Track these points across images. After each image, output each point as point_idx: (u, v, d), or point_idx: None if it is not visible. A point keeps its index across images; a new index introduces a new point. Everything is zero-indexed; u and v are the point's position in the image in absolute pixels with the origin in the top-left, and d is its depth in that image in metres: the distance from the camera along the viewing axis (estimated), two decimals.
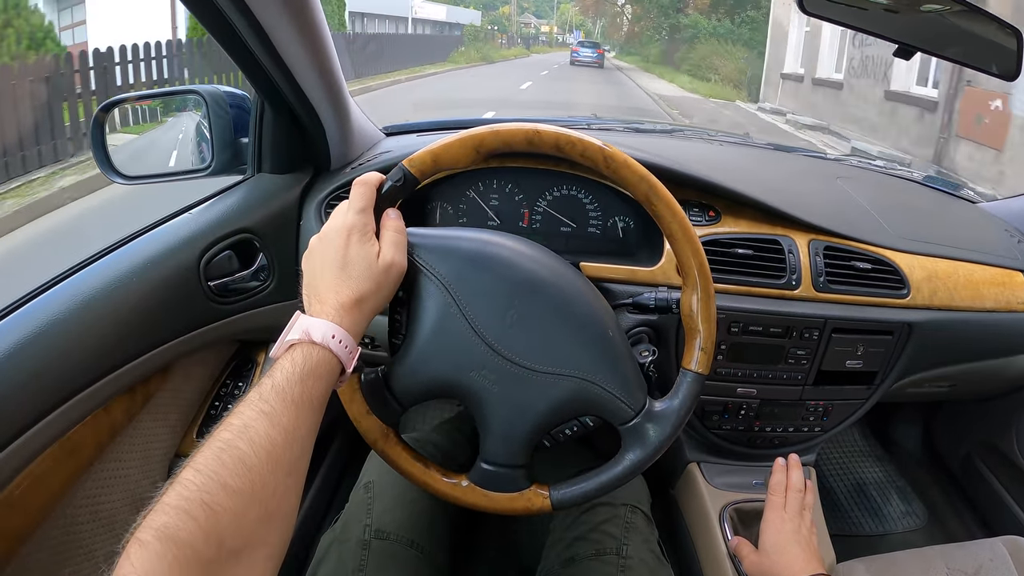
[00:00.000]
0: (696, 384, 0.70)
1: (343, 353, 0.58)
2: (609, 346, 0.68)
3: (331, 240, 0.63)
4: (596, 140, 0.68)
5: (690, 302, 0.71)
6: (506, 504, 0.70)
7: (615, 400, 0.68)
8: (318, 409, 0.55)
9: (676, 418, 0.69)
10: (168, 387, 0.91)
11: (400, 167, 0.67)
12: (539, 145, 0.67)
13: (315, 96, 0.88)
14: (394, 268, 0.64)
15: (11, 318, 0.69)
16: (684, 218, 0.69)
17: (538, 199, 1.04)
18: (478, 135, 0.67)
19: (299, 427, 0.52)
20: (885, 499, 1.52)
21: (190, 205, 0.94)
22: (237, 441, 0.47)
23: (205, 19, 0.74)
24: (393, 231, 0.66)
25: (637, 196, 0.69)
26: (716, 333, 0.72)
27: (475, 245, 0.69)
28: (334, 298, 0.60)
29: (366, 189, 0.66)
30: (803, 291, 0.96)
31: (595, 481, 0.70)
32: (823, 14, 0.90)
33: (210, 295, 0.87)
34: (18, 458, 0.65)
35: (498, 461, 0.69)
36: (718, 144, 1.28)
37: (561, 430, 0.70)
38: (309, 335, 0.57)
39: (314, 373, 0.55)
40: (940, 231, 1.11)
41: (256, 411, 0.50)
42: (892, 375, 1.04)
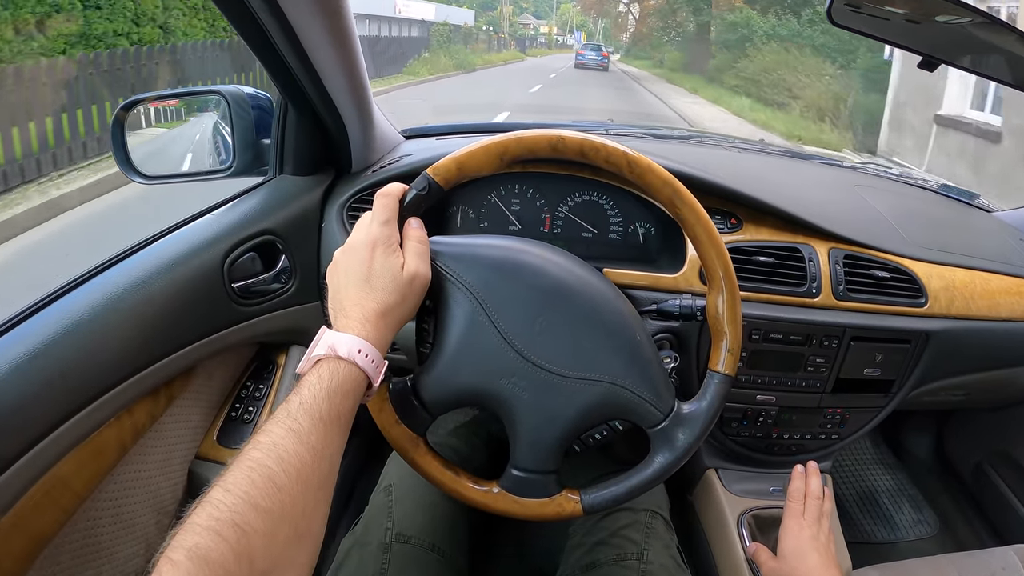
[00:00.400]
0: (724, 385, 0.70)
1: (369, 367, 0.58)
2: (637, 350, 0.69)
3: (356, 253, 0.64)
4: (620, 145, 0.68)
5: (716, 304, 0.71)
6: (537, 510, 0.69)
7: (644, 404, 0.68)
8: (346, 425, 0.56)
9: (704, 420, 0.69)
10: (190, 389, 0.90)
11: (424, 176, 0.67)
12: (563, 151, 0.68)
13: (340, 99, 0.88)
14: (418, 279, 0.64)
15: (37, 317, 0.69)
16: (709, 221, 0.69)
17: (559, 204, 1.04)
18: (502, 142, 0.67)
19: (327, 445, 0.52)
20: (897, 507, 1.52)
21: (213, 206, 0.94)
22: (266, 460, 0.47)
23: (235, 19, 0.75)
24: (416, 241, 0.66)
25: (661, 201, 0.69)
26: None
27: (502, 252, 0.69)
28: (359, 311, 0.60)
29: (389, 200, 0.66)
30: (823, 299, 0.97)
31: (625, 485, 0.70)
32: (851, 25, 0.90)
33: (233, 297, 0.87)
34: (43, 459, 0.65)
35: (529, 467, 0.69)
36: (736, 151, 1.29)
37: (591, 435, 0.70)
38: (335, 350, 0.57)
39: (341, 389, 0.55)
40: (957, 240, 1.11)
41: (285, 429, 0.50)
42: (909, 383, 1.04)
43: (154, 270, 0.79)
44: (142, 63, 6.07)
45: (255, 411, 0.95)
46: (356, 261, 0.63)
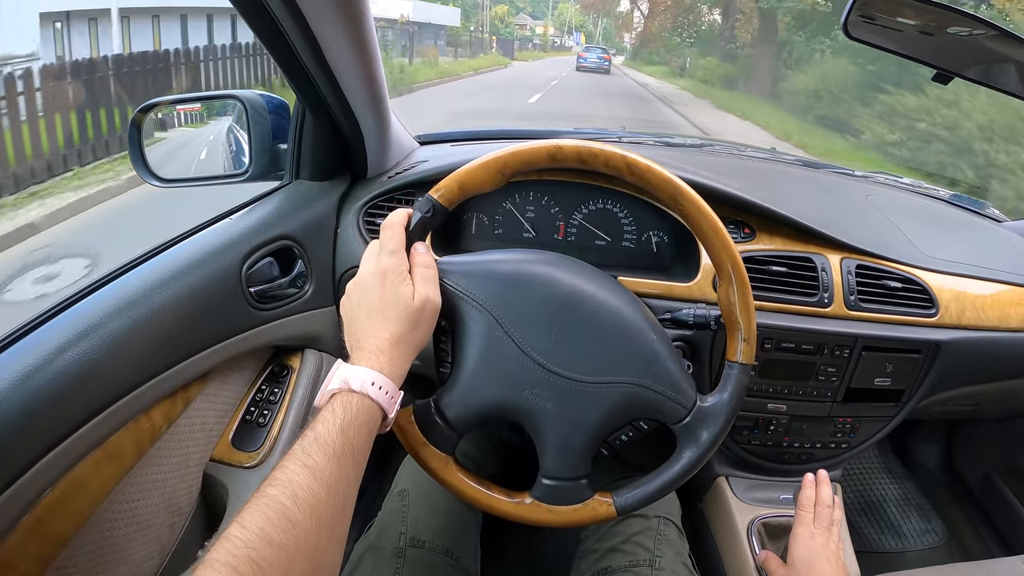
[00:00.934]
0: (743, 375, 0.71)
1: (383, 399, 0.59)
2: (655, 349, 0.69)
3: (366, 285, 0.65)
4: (618, 149, 0.69)
5: (727, 295, 0.71)
6: (572, 516, 0.70)
7: (667, 401, 0.69)
8: (361, 458, 0.57)
9: (727, 411, 0.70)
10: (206, 392, 0.91)
11: (428, 198, 0.68)
12: (561, 160, 0.69)
13: (358, 105, 0.89)
14: (429, 304, 0.65)
15: (56, 321, 0.69)
16: (712, 215, 0.70)
17: (573, 212, 1.04)
18: (501, 157, 0.68)
19: (341, 479, 0.53)
20: (904, 516, 1.52)
21: (230, 210, 0.94)
22: (281, 496, 0.49)
23: (257, 26, 0.75)
24: (423, 267, 0.67)
25: (663, 199, 0.70)
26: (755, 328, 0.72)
27: (512, 266, 0.70)
28: (372, 343, 0.62)
29: (396, 231, 0.67)
30: (835, 309, 0.97)
31: (656, 482, 0.71)
32: (866, 39, 0.91)
33: (251, 301, 0.88)
34: (62, 462, 0.65)
35: (560, 475, 0.69)
36: (748, 159, 1.29)
37: (617, 436, 0.71)
38: (348, 384, 0.58)
39: (354, 423, 0.56)
40: (968, 250, 1.11)
41: (299, 465, 0.51)
42: (919, 393, 1.04)
43: (172, 274, 0.79)
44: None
45: (270, 414, 0.95)
46: (367, 293, 0.64)
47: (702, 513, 1.14)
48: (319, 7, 0.71)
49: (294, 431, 0.95)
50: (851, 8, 0.88)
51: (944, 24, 0.99)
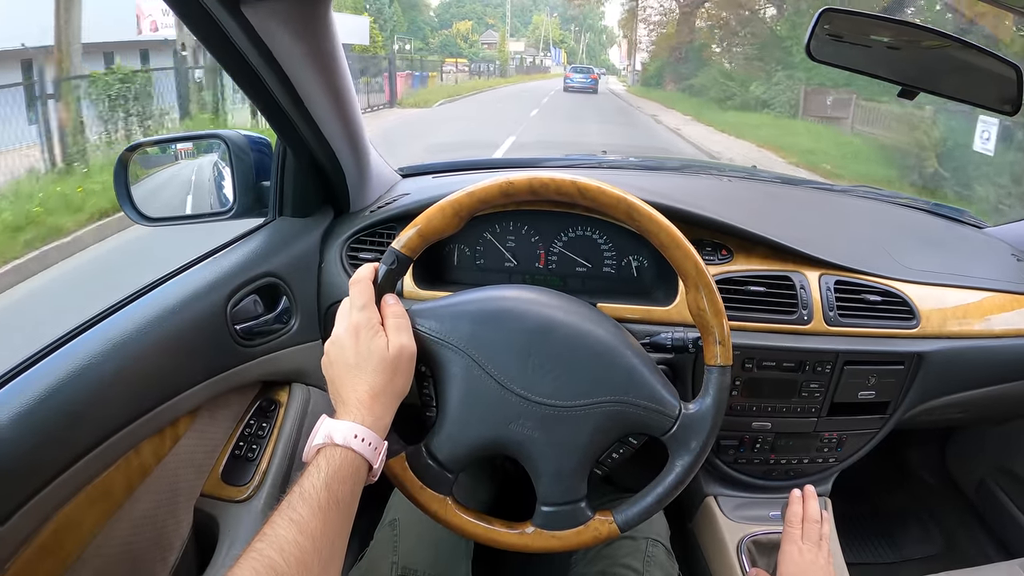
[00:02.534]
0: (723, 377, 0.72)
1: (367, 451, 0.62)
2: (632, 365, 0.70)
3: (342, 342, 0.67)
4: (568, 176, 0.70)
5: (697, 301, 0.72)
6: (575, 539, 0.71)
7: (651, 413, 0.70)
8: (346, 510, 0.59)
9: (713, 415, 0.71)
10: (195, 428, 0.92)
11: (391, 251, 0.70)
12: (514, 194, 0.70)
13: (336, 143, 0.91)
14: (405, 352, 0.67)
15: (45, 362, 0.71)
16: (670, 226, 0.71)
17: (554, 240, 1.06)
18: (456, 200, 0.70)
19: (328, 531, 0.56)
20: (901, 526, 1.52)
21: (214, 249, 0.96)
22: (268, 550, 0.52)
23: (233, 70, 0.78)
24: (395, 317, 0.69)
25: (619, 218, 0.71)
26: (732, 356, 0.73)
27: (481, 304, 0.72)
28: (353, 397, 0.64)
29: (363, 286, 0.69)
30: (815, 326, 0.98)
31: (653, 495, 0.72)
32: (831, 60, 0.92)
33: (236, 338, 0.89)
34: (53, 501, 0.67)
35: (557, 500, 0.70)
36: (727, 180, 1.31)
37: (608, 455, 0.72)
38: (331, 438, 0.61)
39: (338, 476, 0.59)
40: (948, 259, 1.12)
41: (287, 520, 0.55)
42: (904, 404, 1.05)
43: (158, 315, 0.81)
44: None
45: (259, 449, 0.96)
46: (343, 350, 0.67)
47: (692, 533, 1.14)
48: (292, 54, 0.74)
49: (283, 465, 0.96)
50: (813, 30, 0.90)
51: (913, 38, 1.01)
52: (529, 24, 61.83)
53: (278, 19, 0.68)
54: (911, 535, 1.50)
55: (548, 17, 62.20)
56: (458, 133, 11.10)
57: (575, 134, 12.45)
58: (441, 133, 11.08)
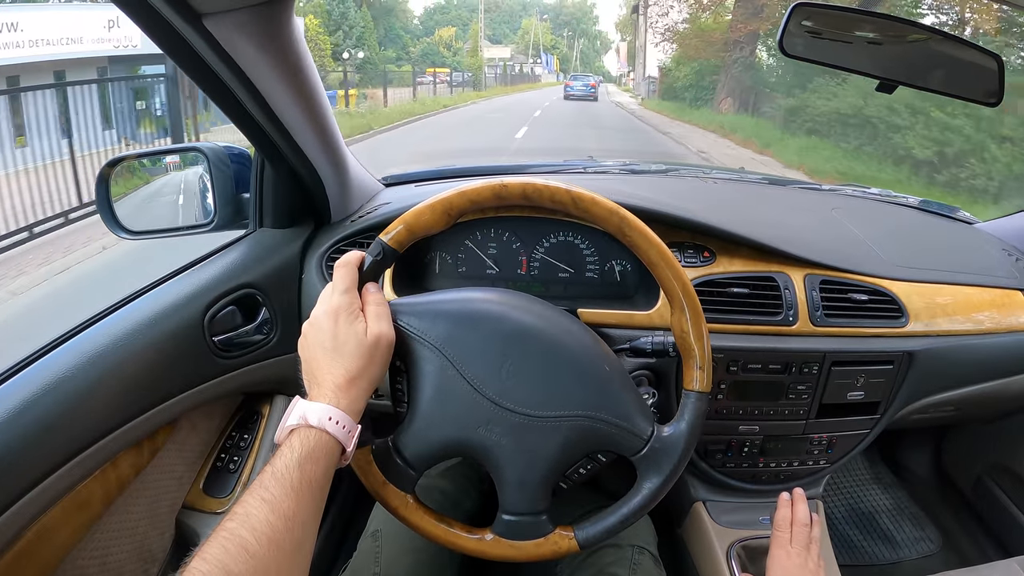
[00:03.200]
0: (700, 403, 0.71)
1: (341, 434, 0.61)
2: (607, 380, 0.69)
3: (320, 324, 0.66)
4: (562, 184, 0.70)
5: (680, 324, 0.72)
6: (533, 551, 0.70)
7: (622, 432, 0.69)
8: (319, 491, 0.58)
9: (686, 440, 0.70)
10: (175, 440, 0.92)
11: (378, 241, 0.70)
12: (507, 198, 0.70)
13: (313, 153, 0.91)
14: (383, 340, 0.67)
15: (21, 375, 0.71)
16: (660, 244, 0.70)
17: (535, 246, 1.05)
18: (447, 198, 0.70)
19: (299, 511, 0.55)
20: (897, 526, 1.50)
21: (193, 261, 0.96)
22: (240, 530, 0.51)
23: (202, 82, 0.77)
24: (375, 304, 0.68)
25: (610, 230, 0.71)
26: (714, 370, 0.73)
27: (461, 305, 0.71)
28: (329, 379, 0.63)
29: (348, 270, 0.68)
30: (800, 326, 0.97)
31: (617, 515, 0.71)
32: (806, 56, 0.92)
33: (215, 350, 0.89)
34: (28, 511, 0.67)
35: (519, 510, 0.70)
36: (712, 182, 1.30)
37: (575, 470, 0.71)
38: (306, 419, 0.60)
39: (312, 457, 0.58)
40: (937, 256, 1.11)
41: (258, 499, 0.54)
42: (895, 404, 1.04)
43: (135, 327, 0.81)
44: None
45: (240, 460, 0.96)
46: (321, 332, 0.66)
47: (681, 540, 1.13)
48: (258, 65, 0.74)
49: None
50: (785, 26, 0.89)
51: (896, 33, 1.00)
52: (518, 29, 57.14)
53: (241, 31, 0.68)
54: (907, 535, 1.48)
55: (539, 21, 57.81)
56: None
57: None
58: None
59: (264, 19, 0.69)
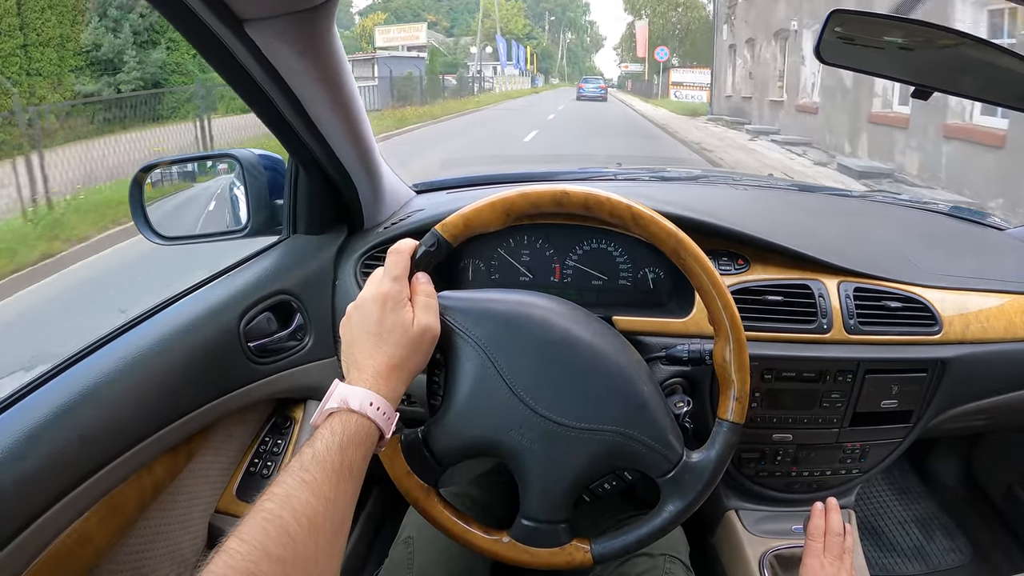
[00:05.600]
0: (732, 434, 0.71)
1: (381, 420, 0.60)
2: (644, 400, 0.69)
3: (367, 308, 0.66)
4: (623, 199, 0.70)
5: (723, 353, 0.72)
6: (547, 559, 0.70)
7: (652, 453, 0.69)
8: (358, 476, 0.58)
9: (713, 468, 0.70)
10: (209, 445, 0.93)
11: (433, 232, 0.69)
12: (567, 205, 0.70)
13: (348, 160, 0.91)
14: (428, 332, 0.66)
15: (60, 379, 0.72)
16: (713, 271, 0.70)
17: (568, 254, 1.05)
18: (508, 199, 0.69)
19: (339, 495, 0.54)
20: (928, 537, 1.48)
21: (228, 267, 0.97)
22: (280, 511, 0.50)
23: (240, 89, 0.78)
24: (425, 296, 0.68)
25: (666, 251, 0.71)
26: (750, 381, 0.72)
27: (509, 306, 0.71)
28: (371, 365, 0.63)
29: (401, 257, 0.68)
30: (835, 334, 0.96)
31: (635, 534, 0.71)
32: (842, 63, 0.91)
33: (250, 356, 0.90)
34: (66, 515, 0.68)
35: (538, 517, 0.70)
36: (743, 189, 1.29)
37: (600, 484, 0.71)
38: (347, 403, 0.59)
39: (353, 441, 0.57)
40: (969, 263, 1.10)
41: (298, 480, 0.53)
42: (928, 412, 1.03)
43: (171, 332, 0.82)
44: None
45: (273, 466, 0.97)
46: (367, 316, 0.65)
47: (713, 549, 1.12)
48: (298, 72, 0.74)
49: None
50: (823, 33, 0.89)
51: (928, 38, 1.00)
52: (476, 12, 38.75)
53: (282, 38, 0.69)
54: (938, 545, 1.46)
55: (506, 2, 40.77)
56: None
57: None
58: None
59: (305, 26, 0.69)
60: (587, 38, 47.82)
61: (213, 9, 0.63)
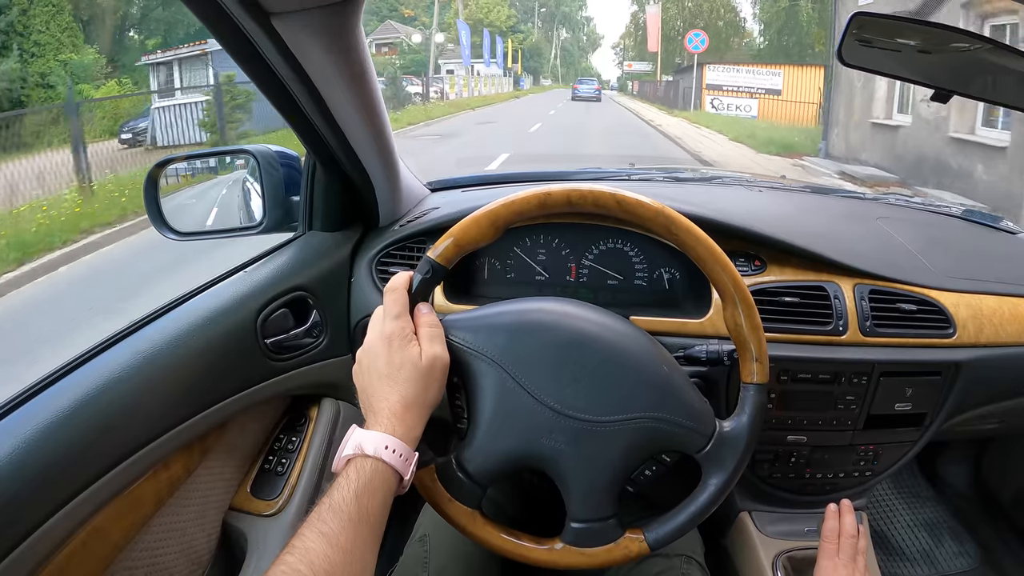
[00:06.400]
0: (760, 395, 0.71)
1: (398, 462, 0.61)
2: (667, 381, 0.69)
3: (374, 351, 0.67)
4: (606, 188, 0.70)
5: (734, 317, 0.72)
6: (605, 557, 0.70)
7: (685, 431, 0.69)
8: (376, 524, 0.59)
9: (748, 433, 0.70)
10: (224, 442, 0.92)
11: (426, 259, 0.70)
12: (552, 205, 0.70)
13: (367, 157, 0.91)
14: (438, 362, 0.67)
15: (77, 373, 0.72)
16: (708, 240, 0.70)
17: (584, 253, 1.05)
18: (492, 211, 0.70)
19: (358, 544, 0.56)
20: (936, 540, 1.48)
21: (245, 263, 0.97)
22: (298, 564, 0.52)
23: (262, 83, 0.78)
24: (428, 327, 0.68)
25: (658, 231, 0.71)
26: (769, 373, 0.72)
27: (515, 316, 0.71)
28: (385, 407, 0.63)
29: (398, 295, 0.69)
30: (850, 336, 0.96)
31: (686, 513, 0.71)
32: (863, 65, 0.91)
33: (266, 352, 0.90)
34: (83, 510, 0.68)
35: (587, 517, 0.69)
36: (758, 190, 1.30)
37: (640, 472, 0.71)
38: (362, 449, 0.60)
39: (369, 488, 0.58)
40: (983, 266, 1.10)
41: (316, 532, 0.54)
42: (942, 415, 1.02)
43: (189, 327, 0.82)
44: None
45: (288, 463, 0.97)
46: (375, 359, 0.66)
47: (727, 550, 1.12)
48: (322, 67, 0.74)
49: (312, 479, 0.96)
50: (845, 35, 0.89)
51: (944, 41, 0.99)
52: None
53: (308, 32, 0.68)
54: (947, 550, 1.46)
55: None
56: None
57: None
58: None
59: (333, 20, 0.69)
60: (583, 36, 43.09)
61: (241, 1, 0.63)
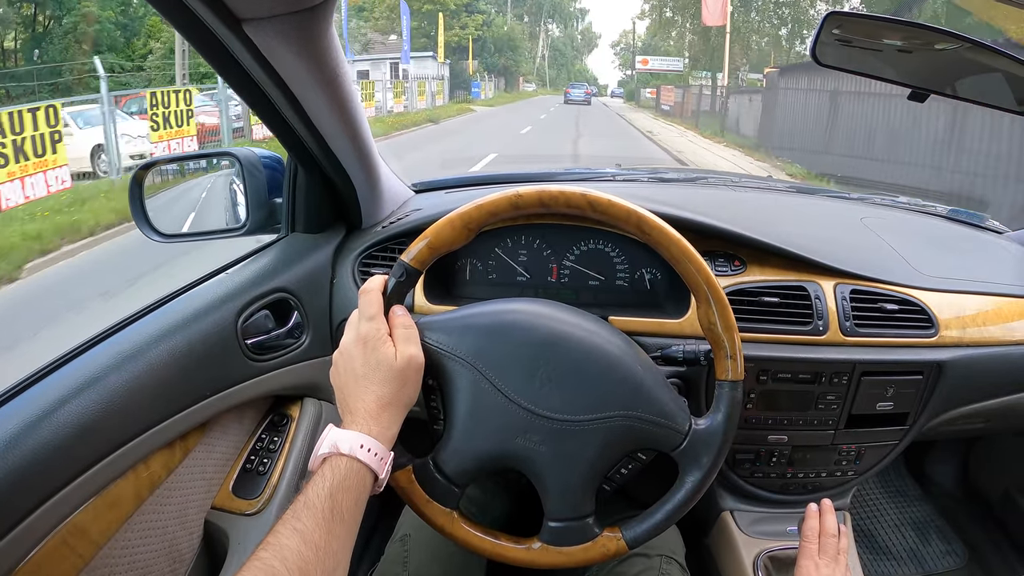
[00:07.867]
0: (735, 391, 0.71)
1: (373, 461, 0.62)
2: (640, 379, 0.70)
3: (350, 352, 0.68)
4: (578, 189, 0.70)
5: (708, 316, 0.72)
6: (582, 556, 0.70)
7: (659, 428, 0.69)
8: (350, 521, 0.59)
9: (724, 430, 0.70)
10: (205, 441, 0.93)
11: (400, 263, 0.70)
12: (524, 207, 0.71)
13: (346, 159, 0.92)
14: (413, 362, 0.67)
15: (60, 372, 0.73)
16: (680, 239, 0.71)
17: (566, 254, 1.05)
18: (465, 213, 0.70)
19: (331, 541, 0.56)
20: (924, 539, 1.48)
21: (227, 264, 0.97)
22: (272, 560, 0.53)
23: (239, 88, 0.79)
24: (402, 327, 0.69)
25: (630, 230, 0.71)
26: (744, 379, 0.72)
27: (489, 317, 0.72)
28: (361, 407, 0.64)
29: (372, 296, 0.69)
30: (831, 336, 0.96)
31: (663, 511, 0.71)
32: (838, 65, 0.92)
33: (247, 353, 0.90)
34: (62, 508, 0.68)
35: (564, 516, 0.70)
36: (742, 190, 1.30)
37: (616, 471, 0.72)
38: (337, 448, 0.61)
39: (343, 486, 0.59)
40: (967, 266, 1.10)
41: (290, 529, 0.55)
42: (924, 415, 1.03)
43: (170, 328, 0.82)
44: None
45: (270, 463, 0.97)
46: (351, 360, 0.67)
47: (709, 549, 1.12)
48: (296, 72, 0.74)
49: (293, 479, 0.96)
50: (819, 35, 0.89)
51: (925, 41, 1.00)
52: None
53: (280, 37, 0.69)
54: (934, 549, 1.46)
55: None
56: None
57: None
58: None
59: (303, 26, 0.70)
60: (578, 35, 36.82)
61: (212, 8, 0.64)
